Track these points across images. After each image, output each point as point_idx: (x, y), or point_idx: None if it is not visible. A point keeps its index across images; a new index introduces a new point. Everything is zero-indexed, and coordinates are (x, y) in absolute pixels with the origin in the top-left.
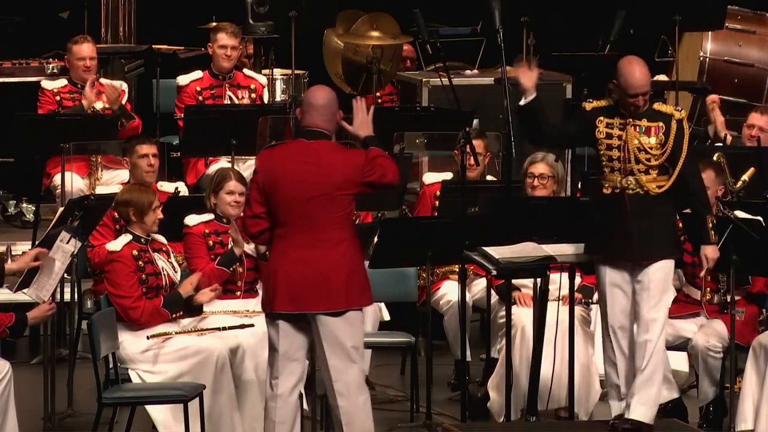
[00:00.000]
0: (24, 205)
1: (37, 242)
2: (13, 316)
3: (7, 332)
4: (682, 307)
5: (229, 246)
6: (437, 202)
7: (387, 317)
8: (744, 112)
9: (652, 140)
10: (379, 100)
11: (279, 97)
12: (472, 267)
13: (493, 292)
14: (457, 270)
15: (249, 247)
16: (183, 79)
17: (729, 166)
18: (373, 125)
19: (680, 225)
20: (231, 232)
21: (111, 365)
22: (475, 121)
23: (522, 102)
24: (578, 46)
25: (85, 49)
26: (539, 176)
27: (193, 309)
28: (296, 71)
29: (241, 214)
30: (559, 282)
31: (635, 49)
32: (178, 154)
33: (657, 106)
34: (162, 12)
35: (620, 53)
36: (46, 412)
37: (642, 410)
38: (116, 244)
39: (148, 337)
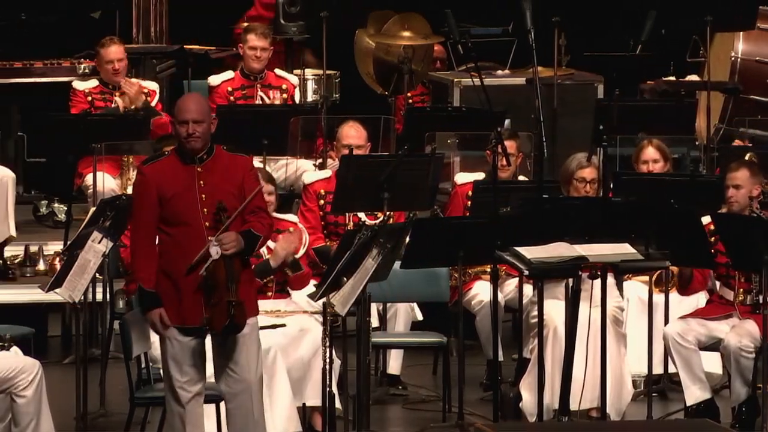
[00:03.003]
0: (56, 205)
1: (68, 242)
2: None
3: None
4: (715, 308)
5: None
6: (469, 203)
7: (419, 317)
8: None
9: None
10: (411, 101)
11: (310, 97)
12: (504, 267)
13: (525, 291)
14: (489, 270)
15: (279, 247)
16: (214, 80)
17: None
18: (405, 125)
19: (712, 227)
20: (277, 244)
21: (143, 365)
22: (507, 122)
23: None
24: (610, 47)
25: (113, 51)
26: (591, 181)
27: (294, 267)
28: (328, 71)
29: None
30: (590, 282)
31: (667, 49)
32: None
33: None
34: (194, 12)
35: (652, 53)
36: (79, 411)
37: None
38: None
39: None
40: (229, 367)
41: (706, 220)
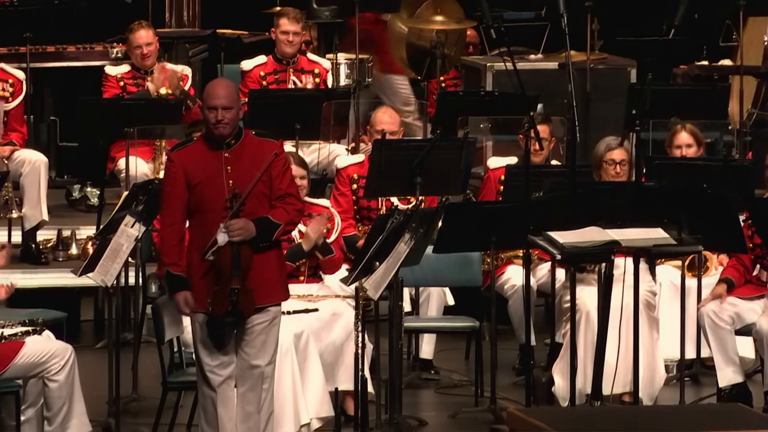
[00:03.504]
0: (88, 189)
1: (101, 226)
2: None
3: None
4: (749, 289)
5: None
6: (502, 187)
7: (451, 302)
8: None
9: None
10: (443, 84)
11: (343, 81)
12: (536, 252)
13: (557, 276)
14: (522, 254)
15: (309, 230)
16: (247, 64)
17: None
18: (437, 110)
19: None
20: (308, 227)
21: (176, 349)
22: (540, 106)
23: None
24: (642, 31)
25: (142, 36)
26: (620, 162)
27: (325, 250)
28: (360, 56)
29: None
30: (623, 267)
31: (700, 33)
32: None
33: None
34: None
35: (684, 38)
36: (111, 396)
37: None
38: None
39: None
40: (243, 350)
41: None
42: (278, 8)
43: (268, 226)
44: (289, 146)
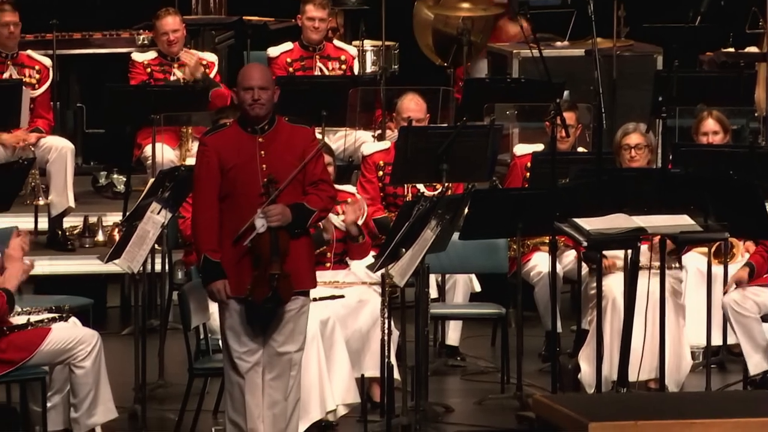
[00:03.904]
0: (115, 176)
1: (127, 213)
2: (3, 294)
3: (7, 308)
4: None
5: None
6: (528, 174)
7: (478, 288)
8: None
9: None
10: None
11: (369, 68)
12: (562, 238)
13: (584, 263)
14: (548, 241)
15: (337, 220)
16: (273, 51)
17: None
18: (463, 97)
19: None
20: (331, 217)
21: (202, 336)
22: (566, 93)
23: None
24: (669, 18)
25: (168, 22)
26: (635, 147)
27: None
28: (387, 43)
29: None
30: (649, 253)
31: (726, 20)
32: None
33: None
34: None
35: (711, 25)
36: (137, 382)
37: None
38: None
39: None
40: (272, 337)
41: None
42: None
43: (303, 213)
44: (315, 133)
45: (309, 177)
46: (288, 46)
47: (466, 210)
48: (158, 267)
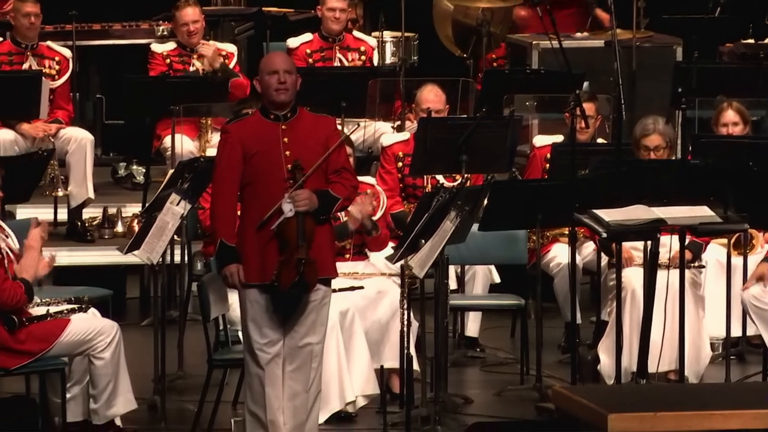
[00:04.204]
0: (134, 167)
1: (147, 204)
2: (21, 284)
3: (26, 298)
4: None
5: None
6: (547, 165)
7: (497, 280)
8: None
9: None
10: (495, 63)
11: (389, 59)
12: (582, 229)
13: (603, 254)
14: (567, 232)
15: (355, 209)
16: (293, 42)
17: None
18: (483, 87)
19: None
20: (352, 208)
21: (221, 327)
22: (586, 84)
23: None
24: (688, 9)
25: (188, 13)
26: (654, 149)
27: (372, 229)
28: (406, 34)
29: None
30: (669, 245)
31: (746, 11)
32: None
33: None
34: None
35: (730, 16)
36: (157, 373)
37: None
38: None
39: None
40: (293, 328)
41: None
42: None
43: (328, 200)
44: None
45: (332, 165)
46: (308, 37)
47: (486, 201)
48: (177, 258)
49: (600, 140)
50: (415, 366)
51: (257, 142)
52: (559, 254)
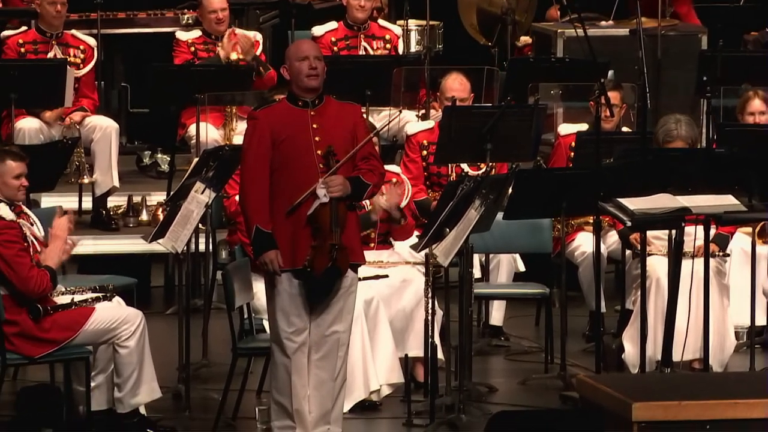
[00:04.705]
0: (159, 155)
1: (171, 192)
2: (46, 272)
3: (51, 285)
4: None
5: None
6: (572, 154)
7: (522, 268)
8: None
9: None
10: (525, 49)
11: (414, 48)
12: (606, 218)
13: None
14: (592, 221)
15: (381, 200)
16: (318, 30)
17: None
18: (508, 76)
19: None
20: (378, 198)
21: (245, 315)
22: (610, 73)
23: None
24: None
25: (216, 1)
26: None
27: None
28: (431, 22)
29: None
30: (694, 234)
31: None
32: None
33: None
34: None
35: (755, 4)
36: (181, 362)
37: None
38: None
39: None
40: (321, 317)
41: None
42: None
43: (359, 186)
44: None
45: (361, 152)
46: (333, 25)
47: (510, 190)
48: (202, 246)
49: (625, 129)
50: (440, 355)
51: (286, 127)
52: (583, 243)
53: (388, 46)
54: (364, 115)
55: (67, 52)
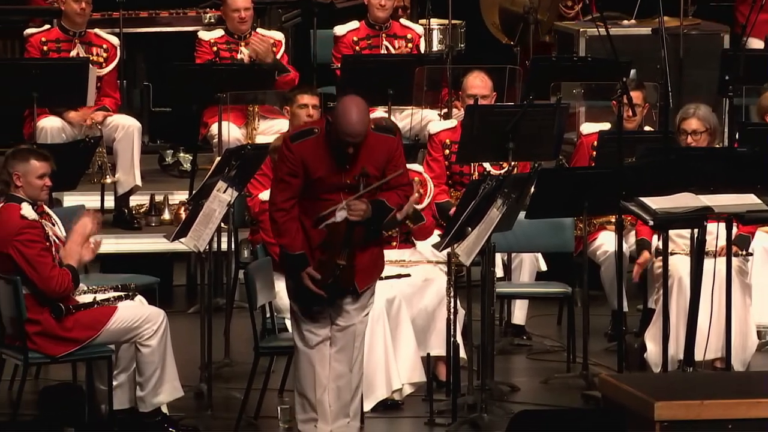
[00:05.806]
0: (181, 154)
1: (193, 192)
2: (68, 272)
3: (72, 285)
4: None
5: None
6: (594, 153)
7: (544, 267)
8: None
9: None
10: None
11: (435, 47)
12: (629, 217)
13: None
14: (614, 220)
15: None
16: (340, 30)
17: None
18: (530, 75)
19: None
20: None
21: (268, 314)
22: (633, 72)
23: None
24: None
25: (240, 0)
26: (692, 132)
27: (416, 218)
28: (453, 21)
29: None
30: (716, 233)
31: None
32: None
33: None
34: None
35: None
36: (203, 361)
37: None
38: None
39: None
40: (339, 314)
41: None
42: None
43: (383, 210)
44: (381, 111)
45: (393, 181)
46: (354, 24)
47: (533, 189)
48: (224, 246)
49: (647, 128)
50: (462, 354)
51: (320, 166)
52: (605, 242)
53: (410, 45)
54: (385, 114)
55: (89, 51)
